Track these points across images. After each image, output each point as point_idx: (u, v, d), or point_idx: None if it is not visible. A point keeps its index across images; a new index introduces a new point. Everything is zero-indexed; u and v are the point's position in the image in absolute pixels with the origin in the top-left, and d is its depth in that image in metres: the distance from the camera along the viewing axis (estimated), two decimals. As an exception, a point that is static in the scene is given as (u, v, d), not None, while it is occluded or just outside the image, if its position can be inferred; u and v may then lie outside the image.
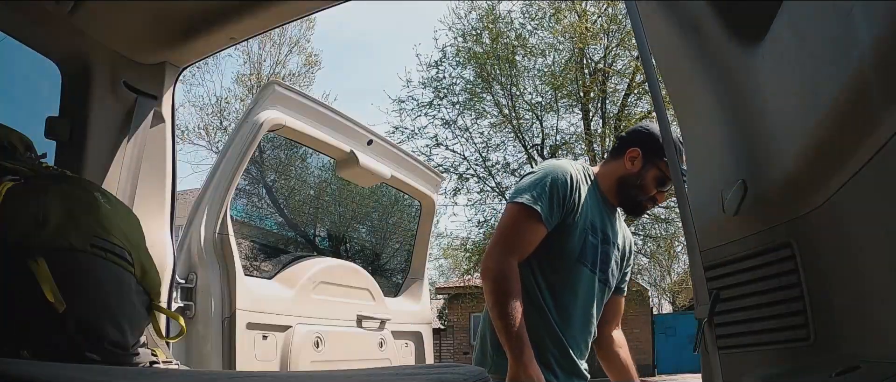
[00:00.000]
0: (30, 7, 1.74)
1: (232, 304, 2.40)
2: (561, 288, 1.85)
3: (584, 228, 1.85)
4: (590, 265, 1.87)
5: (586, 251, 1.85)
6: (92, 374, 0.71)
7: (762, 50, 0.95)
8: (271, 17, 1.96)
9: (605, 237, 1.91)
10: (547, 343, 1.80)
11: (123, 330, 1.25)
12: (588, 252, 1.86)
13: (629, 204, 1.94)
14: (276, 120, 2.55)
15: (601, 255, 1.89)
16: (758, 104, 1.00)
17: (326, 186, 5.80)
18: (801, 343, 0.94)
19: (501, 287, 1.71)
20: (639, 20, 1.25)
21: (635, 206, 1.94)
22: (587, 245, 1.85)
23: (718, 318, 1.11)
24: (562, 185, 1.79)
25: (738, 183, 1.02)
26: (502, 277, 1.72)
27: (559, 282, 1.85)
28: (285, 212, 7.18)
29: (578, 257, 1.85)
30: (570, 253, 1.83)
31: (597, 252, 1.88)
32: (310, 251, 5.75)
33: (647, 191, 1.90)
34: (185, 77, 12.48)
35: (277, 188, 5.37)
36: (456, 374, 0.84)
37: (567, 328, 1.85)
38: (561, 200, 1.79)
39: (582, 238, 1.84)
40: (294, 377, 1.28)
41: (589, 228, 1.86)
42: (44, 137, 1.89)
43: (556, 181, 1.79)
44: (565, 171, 1.83)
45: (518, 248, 1.77)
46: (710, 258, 1.13)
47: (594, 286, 1.89)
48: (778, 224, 0.97)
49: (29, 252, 1.13)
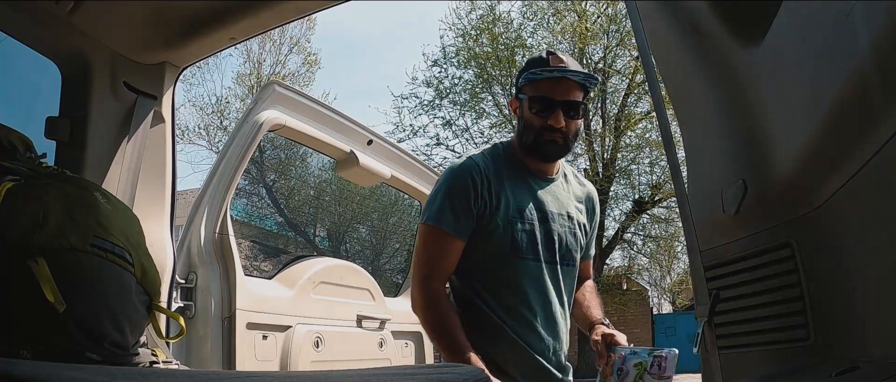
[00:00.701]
0: (30, 7, 1.74)
1: (232, 304, 2.40)
2: (506, 294, 1.68)
3: (509, 218, 1.67)
4: (531, 256, 1.68)
5: (520, 242, 1.67)
6: (92, 374, 0.71)
7: (762, 50, 0.95)
8: (271, 17, 1.97)
9: (542, 216, 1.71)
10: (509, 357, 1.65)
11: (123, 330, 1.25)
12: (522, 243, 1.67)
13: (535, 152, 1.70)
14: (276, 120, 2.55)
15: (543, 237, 1.70)
16: (758, 104, 1.00)
17: (326, 186, 5.78)
18: (800, 343, 0.94)
19: (431, 318, 1.64)
20: (639, 20, 1.26)
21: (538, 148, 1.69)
22: (519, 236, 1.67)
23: (718, 318, 1.11)
24: (461, 188, 1.65)
25: (738, 183, 1.02)
26: (428, 306, 1.64)
27: (502, 288, 1.68)
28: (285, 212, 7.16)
29: (512, 252, 1.67)
30: (502, 252, 1.67)
31: (535, 238, 1.69)
32: (310, 250, 5.73)
33: (532, 125, 1.67)
34: (185, 77, 12.49)
35: (277, 188, 5.36)
36: (456, 374, 0.84)
37: (529, 332, 1.67)
38: (465, 204, 1.65)
39: (509, 231, 1.66)
40: (294, 377, 1.28)
41: (516, 216, 1.67)
42: (44, 137, 1.89)
43: (452, 189, 1.66)
44: (463, 172, 1.67)
45: (436, 270, 1.67)
46: (710, 258, 1.13)
47: (545, 275, 1.70)
48: (778, 224, 0.97)
49: (29, 252, 1.13)
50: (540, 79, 1.66)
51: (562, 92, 1.65)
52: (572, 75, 1.65)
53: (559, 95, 1.65)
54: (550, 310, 1.71)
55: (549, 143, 1.67)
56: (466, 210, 1.65)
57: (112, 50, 1.96)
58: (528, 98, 1.68)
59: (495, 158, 1.74)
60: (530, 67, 1.70)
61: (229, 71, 27.20)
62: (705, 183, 1.18)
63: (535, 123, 1.67)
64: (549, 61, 1.67)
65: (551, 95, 1.65)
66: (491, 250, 1.67)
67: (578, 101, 1.67)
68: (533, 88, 1.67)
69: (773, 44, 0.93)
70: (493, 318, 1.66)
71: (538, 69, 1.66)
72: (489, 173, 1.68)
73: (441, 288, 1.67)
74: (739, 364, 1.09)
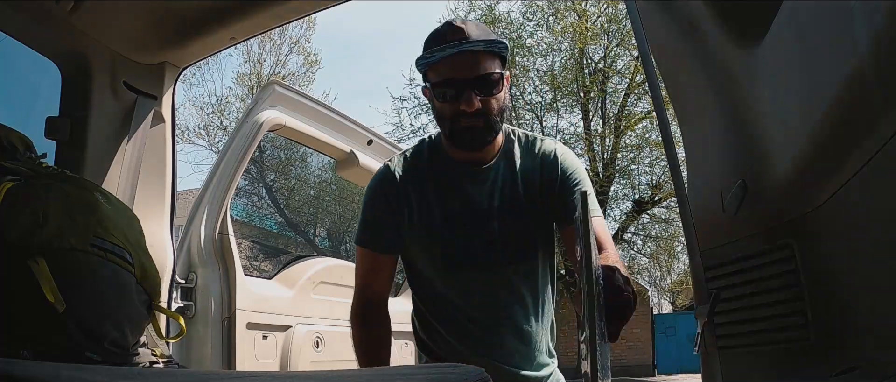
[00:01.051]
0: (30, 7, 1.74)
1: (232, 304, 2.40)
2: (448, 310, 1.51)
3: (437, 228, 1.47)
4: (469, 267, 1.47)
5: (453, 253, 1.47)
6: (92, 374, 0.71)
7: (762, 50, 0.95)
8: (271, 17, 1.97)
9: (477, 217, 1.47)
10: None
11: (123, 330, 1.25)
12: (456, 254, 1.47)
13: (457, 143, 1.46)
14: (276, 120, 2.55)
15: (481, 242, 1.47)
16: (758, 104, 1.00)
17: (326, 186, 5.77)
18: (800, 343, 0.94)
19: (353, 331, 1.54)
20: (639, 20, 1.26)
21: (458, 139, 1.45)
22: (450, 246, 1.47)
23: (718, 318, 1.11)
24: (373, 203, 1.52)
25: (738, 183, 1.02)
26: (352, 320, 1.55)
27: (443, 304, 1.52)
28: (285, 212, 7.16)
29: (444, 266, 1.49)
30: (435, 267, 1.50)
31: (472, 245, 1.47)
32: (310, 250, 5.73)
33: (444, 114, 1.43)
34: (185, 77, 12.48)
35: (277, 188, 5.37)
36: (456, 374, 0.84)
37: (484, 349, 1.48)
38: (379, 217, 1.51)
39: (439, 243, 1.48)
40: (294, 377, 1.28)
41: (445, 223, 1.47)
42: (44, 137, 1.89)
43: (366, 204, 1.54)
44: (375, 185, 1.53)
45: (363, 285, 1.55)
46: (710, 258, 1.13)
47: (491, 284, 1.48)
48: (778, 224, 0.97)
49: (29, 252, 1.13)
50: (437, 60, 1.38)
51: (467, 68, 1.38)
52: (472, 46, 1.37)
53: (465, 73, 1.38)
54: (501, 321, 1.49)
55: (468, 130, 1.41)
56: (382, 223, 1.51)
57: (112, 50, 1.96)
58: (432, 84, 1.42)
59: (418, 158, 1.53)
60: (427, 44, 1.43)
61: (229, 71, 27.21)
62: (705, 183, 1.18)
63: (447, 110, 1.41)
64: (447, 35, 1.40)
65: (456, 75, 1.38)
66: (424, 264, 1.52)
67: (491, 73, 1.40)
68: (435, 72, 1.41)
69: (773, 44, 0.93)
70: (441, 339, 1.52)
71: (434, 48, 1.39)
72: (407, 181, 1.50)
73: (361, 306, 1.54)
74: (739, 364, 1.09)
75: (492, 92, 1.41)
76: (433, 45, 1.40)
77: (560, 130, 15.13)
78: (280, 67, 17.52)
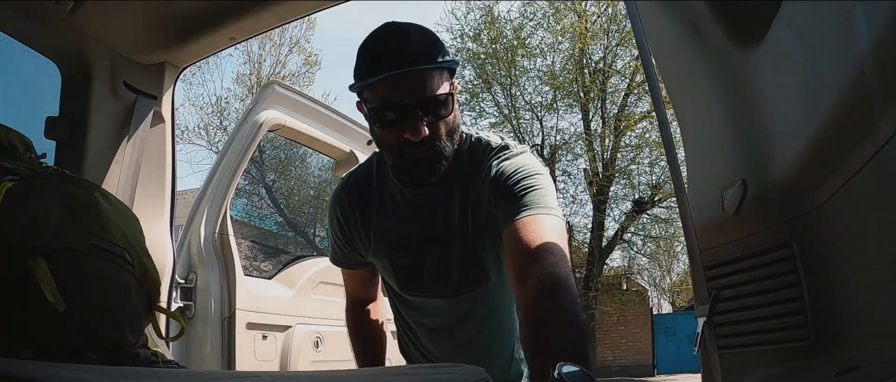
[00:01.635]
0: (30, 7, 1.74)
1: (231, 304, 2.41)
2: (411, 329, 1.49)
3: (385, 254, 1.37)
4: (419, 292, 1.39)
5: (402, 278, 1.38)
6: (92, 374, 0.71)
7: (762, 50, 0.95)
8: (271, 17, 1.97)
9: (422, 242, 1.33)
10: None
11: (123, 330, 1.25)
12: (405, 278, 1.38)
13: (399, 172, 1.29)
14: (276, 120, 2.55)
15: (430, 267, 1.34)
16: (758, 104, 1.00)
17: (326, 186, 5.78)
18: (800, 343, 0.94)
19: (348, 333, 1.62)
20: (639, 20, 1.26)
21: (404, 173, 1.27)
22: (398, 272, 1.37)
23: (718, 318, 1.11)
24: (330, 223, 1.48)
25: (738, 183, 1.02)
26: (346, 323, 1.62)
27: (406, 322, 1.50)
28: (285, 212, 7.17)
29: (398, 288, 1.42)
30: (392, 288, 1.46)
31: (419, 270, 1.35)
32: (310, 251, 5.75)
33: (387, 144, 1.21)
34: (185, 77, 12.47)
35: (277, 188, 5.37)
36: (456, 374, 0.84)
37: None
38: (337, 238, 1.45)
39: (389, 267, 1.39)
40: (294, 377, 1.28)
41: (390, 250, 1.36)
42: (44, 137, 1.89)
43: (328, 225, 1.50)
44: (330, 206, 1.46)
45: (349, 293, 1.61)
46: (710, 258, 1.13)
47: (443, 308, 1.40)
48: (778, 224, 0.97)
49: (29, 252, 1.13)
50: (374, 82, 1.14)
51: (411, 88, 1.14)
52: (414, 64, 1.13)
53: (409, 95, 1.14)
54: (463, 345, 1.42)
55: (414, 164, 1.21)
56: (341, 243, 1.46)
57: (112, 50, 1.96)
58: (369, 106, 1.19)
59: (367, 178, 1.40)
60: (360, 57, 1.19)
61: (229, 71, 27.19)
62: (705, 183, 1.18)
63: (388, 138, 1.19)
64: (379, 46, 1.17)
65: (399, 98, 1.14)
66: (386, 283, 1.49)
67: (438, 94, 1.16)
68: (372, 94, 1.17)
69: (773, 44, 0.93)
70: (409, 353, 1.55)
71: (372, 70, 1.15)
72: (353, 205, 1.39)
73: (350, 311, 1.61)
74: (739, 364, 1.09)
75: (440, 115, 1.18)
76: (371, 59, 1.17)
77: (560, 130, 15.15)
78: (280, 67, 17.52)
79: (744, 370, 1.08)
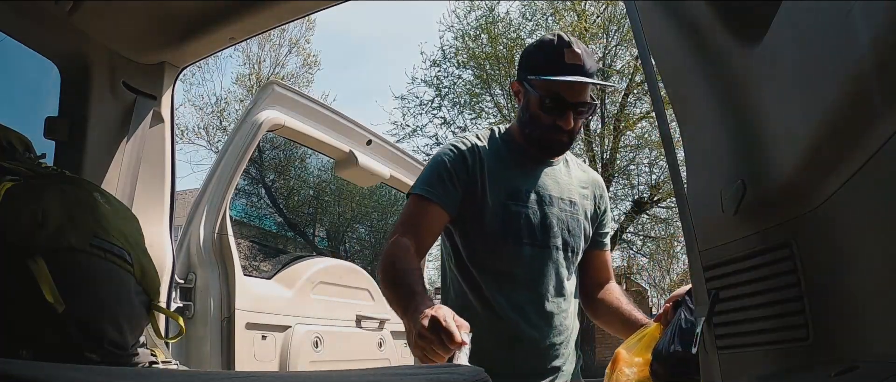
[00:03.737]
0: (30, 7, 1.74)
1: (231, 304, 2.41)
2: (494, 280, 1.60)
3: (503, 200, 1.60)
4: (527, 240, 1.60)
5: (513, 225, 1.60)
6: (92, 374, 0.71)
7: (762, 50, 0.95)
8: (271, 17, 1.97)
9: (540, 199, 1.64)
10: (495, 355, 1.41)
11: (123, 330, 1.25)
12: (516, 226, 1.60)
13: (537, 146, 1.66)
14: (276, 120, 2.55)
15: (540, 221, 1.62)
16: (757, 104, 1.00)
17: (326, 186, 5.80)
18: (800, 343, 0.94)
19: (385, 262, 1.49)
20: (639, 20, 1.25)
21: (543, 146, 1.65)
22: (512, 219, 1.60)
23: (718, 318, 1.11)
24: (450, 160, 1.60)
25: (737, 183, 1.02)
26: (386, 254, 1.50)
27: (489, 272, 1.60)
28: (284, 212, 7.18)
29: (502, 235, 1.59)
30: (494, 237, 1.59)
31: (532, 221, 1.61)
32: (309, 251, 5.76)
33: (539, 122, 1.62)
34: (184, 77, 12.49)
35: (277, 188, 5.38)
36: (456, 374, 0.84)
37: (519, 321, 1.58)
38: (451, 174, 1.59)
39: (501, 214, 1.59)
40: (294, 377, 1.28)
41: (510, 197, 1.61)
42: (44, 137, 1.89)
43: (440, 162, 1.60)
44: (454, 145, 1.64)
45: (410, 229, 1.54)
46: (709, 258, 1.13)
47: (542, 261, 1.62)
48: (777, 224, 0.97)
49: (28, 252, 1.13)
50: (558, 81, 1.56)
51: (576, 93, 1.58)
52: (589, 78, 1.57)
53: (573, 97, 1.58)
54: (545, 298, 1.62)
55: (557, 143, 1.63)
56: (453, 182, 1.59)
57: (111, 50, 1.96)
58: (539, 96, 1.59)
59: (493, 140, 1.69)
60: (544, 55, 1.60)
61: (229, 71, 27.20)
62: (705, 183, 1.18)
63: (544, 121, 1.60)
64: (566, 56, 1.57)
65: (566, 97, 1.58)
66: (482, 233, 1.60)
67: (588, 101, 1.62)
68: (545, 86, 1.58)
69: (773, 43, 0.93)
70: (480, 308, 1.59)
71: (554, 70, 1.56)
72: (485, 153, 1.63)
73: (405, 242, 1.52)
74: (739, 364, 1.09)
75: (585, 117, 1.65)
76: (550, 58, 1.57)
77: (560, 130, 15.12)
78: (279, 67, 17.52)
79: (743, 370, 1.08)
